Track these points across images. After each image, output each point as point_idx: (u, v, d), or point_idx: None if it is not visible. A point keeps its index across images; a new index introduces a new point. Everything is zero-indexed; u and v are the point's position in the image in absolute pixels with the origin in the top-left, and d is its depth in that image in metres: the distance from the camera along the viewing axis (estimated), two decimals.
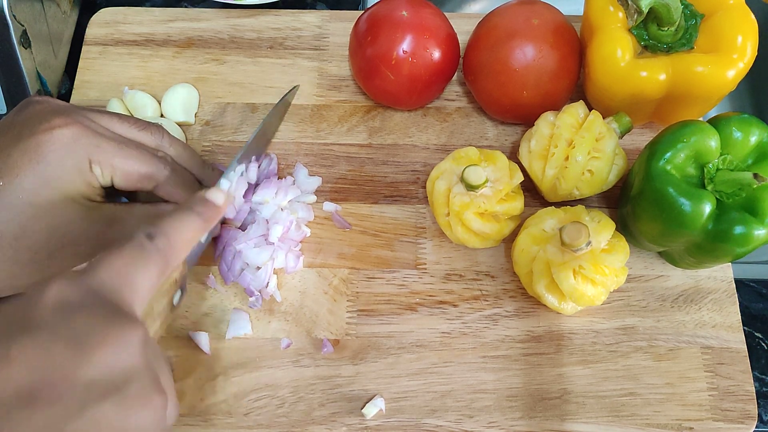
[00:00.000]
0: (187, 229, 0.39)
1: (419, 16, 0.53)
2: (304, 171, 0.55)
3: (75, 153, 0.42)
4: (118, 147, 0.44)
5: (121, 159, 0.44)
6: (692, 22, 0.49)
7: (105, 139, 0.44)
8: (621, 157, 0.51)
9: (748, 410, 0.48)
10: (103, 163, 0.43)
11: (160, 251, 0.36)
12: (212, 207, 0.41)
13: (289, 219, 0.51)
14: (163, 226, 0.37)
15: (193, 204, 0.41)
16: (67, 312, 0.30)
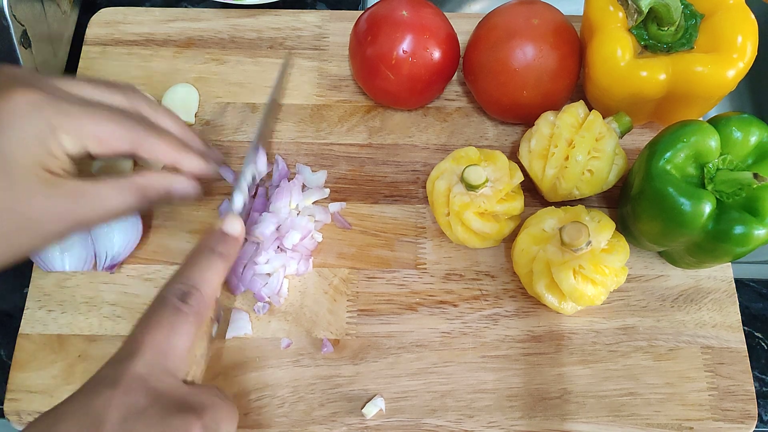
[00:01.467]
0: (215, 276, 0.40)
1: (419, 16, 0.53)
2: (307, 169, 0.55)
3: (35, 122, 0.38)
4: (86, 111, 0.40)
5: (91, 123, 0.40)
6: (692, 22, 0.49)
7: (71, 104, 0.40)
8: (621, 156, 0.51)
9: (748, 410, 0.48)
10: (71, 130, 0.39)
11: (195, 310, 0.38)
12: (233, 241, 0.42)
13: (308, 227, 0.51)
14: (192, 280, 0.38)
15: (214, 244, 0.41)
16: (131, 422, 0.33)
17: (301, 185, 0.54)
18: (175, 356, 0.36)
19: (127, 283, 0.51)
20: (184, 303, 0.37)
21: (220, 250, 0.41)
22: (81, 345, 0.49)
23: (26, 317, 0.50)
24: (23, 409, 0.47)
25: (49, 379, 0.48)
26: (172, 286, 0.38)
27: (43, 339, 0.49)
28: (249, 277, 0.50)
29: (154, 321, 0.36)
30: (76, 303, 0.50)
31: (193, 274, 0.39)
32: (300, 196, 0.53)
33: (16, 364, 0.49)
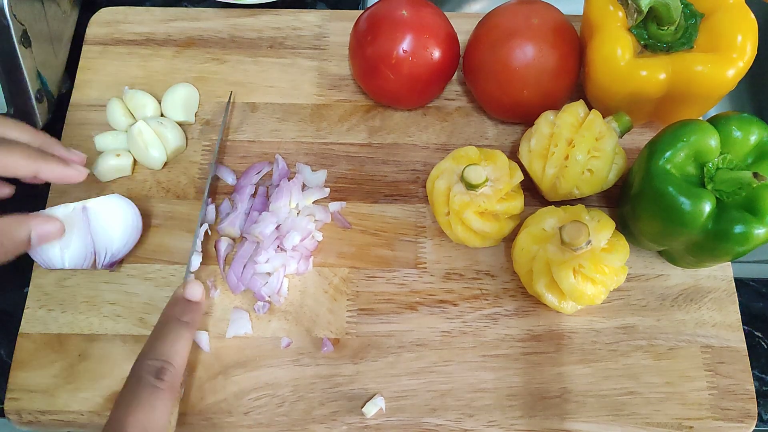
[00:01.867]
0: (185, 346, 0.42)
1: (419, 15, 0.53)
2: (307, 168, 0.55)
3: None
4: None
5: None
6: (692, 22, 0.49)
7: None
8: (621, 156, 0.51)
9: (748, 409, 0.48)
10: None
11: (170, 384, 0.40)
12: (196, 307, 0.44)
13: (308, 228, 0.51)
14: (164, 355, 0.40)
15: (180, 313, 0.43)
16: None
17: (301, 185, 0.54)
18: (157, 431, 0.39)
19: (127, 282, 0.51)
20: (160, 380, 0.39)
21: (186, 319, 0.43)
22: (81, 344, 0.49)
23: (26, 317, 0.50)
24: (23, 409, 0.47)
25: (50, 378, 0.48)
26: (146, 362, 0.40)
27: (44, 338, 0.49)
28: (249, 276, 0.50)
29: (135, 402, 0.38)
30: (77, 302, 0.50)
31: (164, 348, 0.41)
32: (300, 196, 0.53)
33: (17, 363, 0.49)
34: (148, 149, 0.54)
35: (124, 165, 0.54)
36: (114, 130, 0.56)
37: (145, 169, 0.55)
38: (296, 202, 0.52)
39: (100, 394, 0.48)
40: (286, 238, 0.50)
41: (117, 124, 0.56)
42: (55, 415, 0.47)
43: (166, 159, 0.55)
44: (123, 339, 0.49)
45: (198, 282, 0.46)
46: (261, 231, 0.50)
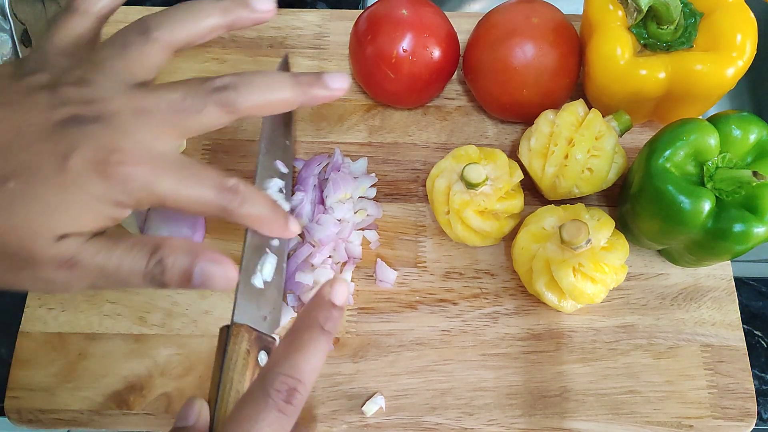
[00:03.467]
0: (322, 361, 0.33)
1: (419, 14, 0.53)
2: (347, 159, 0.56)
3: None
4: (179, 176, 0.34)
5: (181, 190, 0.34)
6: (691, 21, 0.49)
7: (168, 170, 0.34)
8: (620, 155, 0.51)
9: (748, 408, 0.49)
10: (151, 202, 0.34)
11: (297, 410, 0.33)
12: (340, 313, 0.35)
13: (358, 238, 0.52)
14: (299, 372, 0.32)
15: (324, 320, 0.34)
16: None
17: (350, 175, 0.54)
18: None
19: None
20: (289, 404, 0.32)
21: (329, 327, 0.34)
22: (81, 343, 0.49)
23: (26, 315, 0.50)
24: (23, 407, 0.47)
25: (50, 377, 0.48)
26: (279, 376, 0.32)
27: (44, 337, 0.49)
28: (294, 279, 0.50)
29: (256, 426, 0.31)
30: (77, 301, 0.51)
31: (301, 362, 0.33)
32: (353, 184, 0.53)
33: (17, 362, 0.49)
34: None
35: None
36: None
37: None
38: (350, 192, 0.52)
39: (101, 392, 0.48)
40: (339, 251, 0.51)
41: None
42: (55, 414, 0.48)
43: None
44: (123, 338, 0.50)
45: (346, 281, 0.40)
46: (320, 237, 0.50)
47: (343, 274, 0.51)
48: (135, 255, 0.33)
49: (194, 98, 0.35)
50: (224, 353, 0.36)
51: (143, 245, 0.33)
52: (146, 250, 0.33)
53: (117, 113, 0.33)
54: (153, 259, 0.33)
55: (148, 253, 0.33)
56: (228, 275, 0.34)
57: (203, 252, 0.34)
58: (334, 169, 0.54)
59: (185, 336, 0.50)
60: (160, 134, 0.34)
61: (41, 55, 0.35)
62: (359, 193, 0.54)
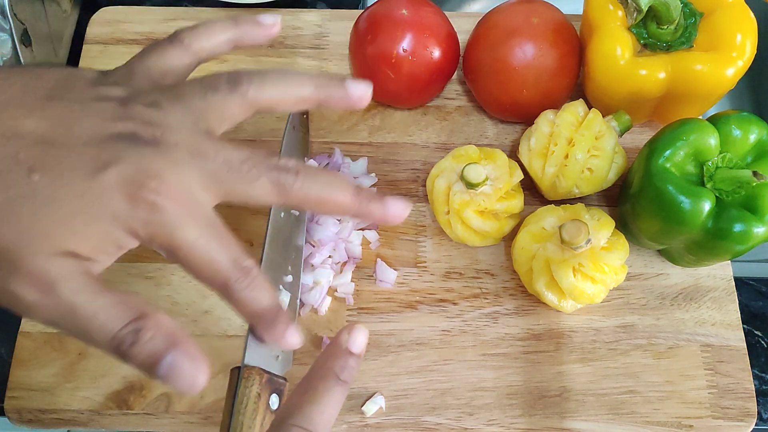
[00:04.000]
0: (336, 413, 0.33)
1: (419, 14, 0.53)
2: (347, 159, 0.55)
3: None
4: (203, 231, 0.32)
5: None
6: (691, 21, 0.49)
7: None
8: (620, 155, 0.51)
9: (748, 408, 0.49)
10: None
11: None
12: (357, 362, 0.34)
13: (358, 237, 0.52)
14: (313, 424, 0.31)
15: (340, 369, 0.33)
16: None
17: (350, 175, 0.54)
18: None
19: (127, 281, 0.51)
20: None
21: (345, 377, 0.33)
22: (81, 343, 0.49)
23: None
24: (23, 407, 0.47)
25: (50, 377, 0.48)
26: (291, 428, 0.31)
27: (44, 337, 0.49)
28: None
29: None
30: None
31: (315, 415, 0.32)
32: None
33: (17, 362, 0.49)
34: None
35: None
36: None
37: None
38: None
39: (100, 393, 0.48)
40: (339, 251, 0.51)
41: None
42: (55, 414, 0.48)
43: None
44: None
45: (364, 329, 0.37)
46: (320, 237, 0.50)
47: (343, 274, 0.51)
48: (116, 313, 0.29)
49: (254, 165, 0.33)
50: (234, 396, 0.36)
51: (130, 307, 0.30)
52: (130, 314, 0.30)
53: (175, 145, 0.31)
54: (132, 325, 0.29)
55: (130, 317, 0.30)
56: (196, 379, 0.30)
57: (184, 344, 0.31)
58: (334, 169, 0.54)
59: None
60: (206, 185, 0.32)
61: (127, 72, 0.35)
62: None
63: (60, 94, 0.31)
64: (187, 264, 0.32)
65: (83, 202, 0.29)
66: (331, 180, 0.35)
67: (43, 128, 0.30)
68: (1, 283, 0.28)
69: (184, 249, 0.31)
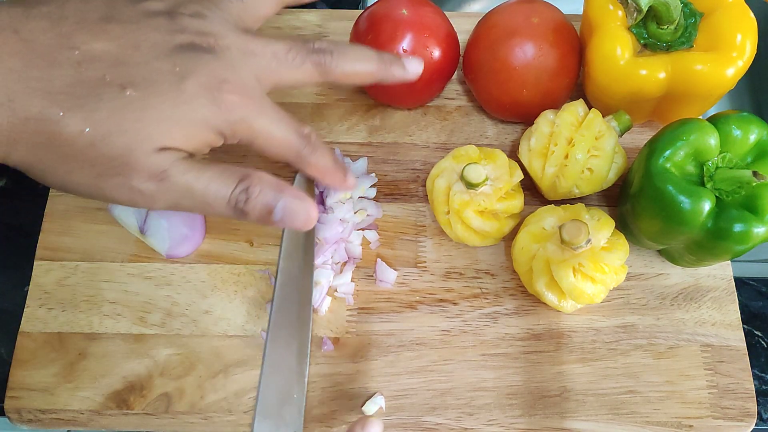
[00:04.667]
0: None
1: (419, 14, 0.53)
2: (347, 159, 0.56)
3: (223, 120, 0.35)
4: (258, 109, 0.37)
5: (259, 122, 0.37)
6: (692, 21, 0.49)
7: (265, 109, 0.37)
8: (620, 155, 0.51)
9: (748, 408, 0.49)
10: (242, 136, 0.37)
11: None
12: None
13: (352, 223, 0.52)
14: None
15: None
16: None
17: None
18: None
19: (127, 281, 0.51)
20: None
21: None
22: (81, 343, 0.49)
23: (27, 315, 0.50)
24: (23, 407, 0.47)
25: (50, 377, 0.48)
26: None
27: (44, 337, 0.49)
28: None
29: None
30: (77, 301, 0.51)
31: None
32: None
33: (17, 362, 0.49)
34: None
35: None
36: None
37: None
38: (350, 192, 0.53)
39: (101, 392, 0.48)
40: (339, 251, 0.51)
41: None
42: (55, 414, 0.48)
43: None
44: (123, 338, 0.50)
45: (378, 422, 0.39)
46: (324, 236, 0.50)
47: (343, 274, 0.51)
48: (224, 179, 0.35)
49: (297, 53, 0.38)
50: None
51: (233, 172, 0.36)
52: (235, 177, 0.35)
53: (227, 49, 0.36)
54: (240, 185, 0.35)
55: (236, 179, 0.35)
56: (309, 214, 0.36)
57: (288, 188, 0.36)
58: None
59: (185, 336, 0.50)
60: (261, 77, 0.37)
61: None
62: (359, 193, 0.54)
63: (112, 14, 0.35)
64: (267, 147, 0.38)
65: (178, 109, 0.34)
66: (358, 52, 0.41)
67: (114, 50, 0.34)
68: (125, 183, 0.34)
69: (263, 135, 0.37)
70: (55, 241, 0.52)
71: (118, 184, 0.34)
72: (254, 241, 0.53)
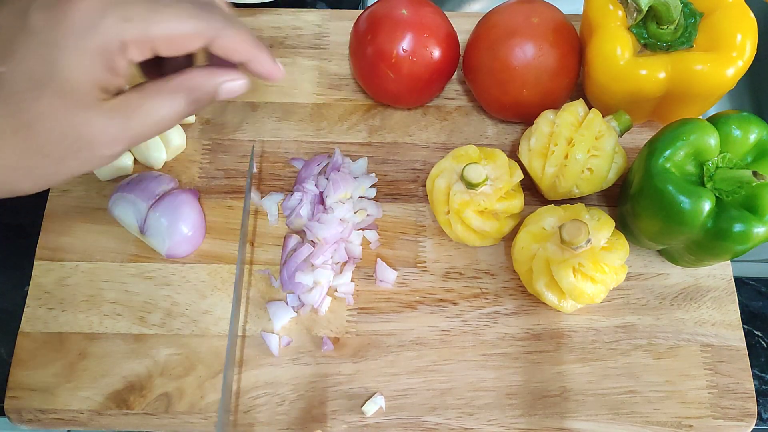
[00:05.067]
0: None
1: (419, 14, 0.53)
2: (347, 159, 0.56)
3: (100, 36, 0.33)
4: (150, 8, 0.35)
5: (163, 24, 0.35)
6: (691, 21, 0.49)
7: (132, 2, 0.34)
8: (620, 155, 0.51)
9: (748, 408, 0.49)
10: (140, 40, 0.34)
11: None
12: None
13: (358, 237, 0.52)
14: None
15: None
16: None
17: (350, 175, 0.54)
18: None
19: (127, 281, 0.51)
20: None
21: None
22: (81, 343, 0.49)
23: (27, 315, 0.50)
24: (23, 407, 0.47)
25: (50, 377, 0.48)
26: None
27: (44, 337, 0.49)
28: (294, 279, 0.50)
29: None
30: (77, 301, 0.51)
31: None
32: (353, 184, 0.53)
33: (17, 362, 0.49)
34: (149, 148, 0.54)
35: (125, 164, 0.54)
36: None
37: (145, 168, 0.55)
38: (350, 192, 0.53)
39: (101, 392, 0.48)
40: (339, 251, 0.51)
41: None
42: (55, 414, 0.48)
43: (166, 158, 0.55)
44: (123, 338, 0.50)
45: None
46: (323, 235, 0.50)
47: (343, 274, 0.51)
48: (173, 100, 0.37)
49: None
50: None
51: (176, 88, 0.37)
52: (180, 94, 0.37)
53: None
54: (188, 100, 0.37)
55: (183, 97, 0.37)
56: (243, 79, 0.39)
57: (221, 73, 0.38)
58: (334, 169, 0.54)
59: (185, 336, 0.50)
60: None
61: None
62: (359, 193, 0.54)
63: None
64: (175, 46, 0.36)
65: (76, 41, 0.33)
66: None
67: None
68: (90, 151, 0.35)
69: (166, 34, 0.35)
70: (55, 241, 0.52)
71: (87, 155, 0.35)
72: (254, 241, 0.53)
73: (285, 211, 0.54)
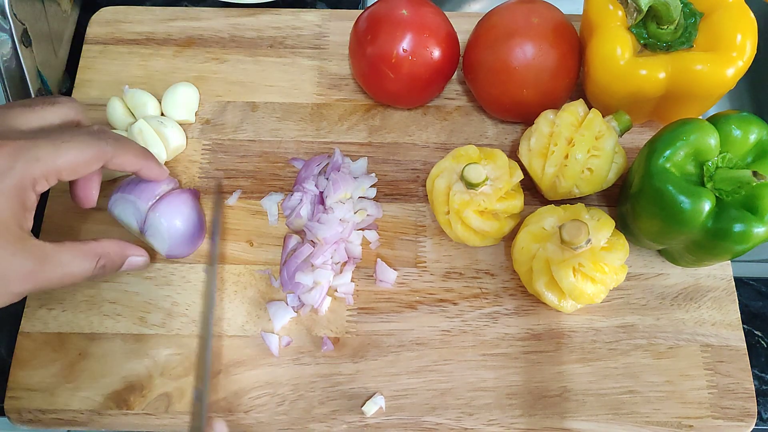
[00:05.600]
0: None
1: (419, 15, 0.53)
2: (347, 159, 0.56)
3: (15, 177, 0.38)
4: (56, 147, 0.39)
5: (65, 157, 0.39)
6: (691, 21, 0.49)
7: (39, 146, 0.39)
8: (620, 155, 0.51)
9: (748, 408, 0.49)
10: (48, 173, 0.39)
11: None
12: None
13: (358, 237, 0.52)
14: None
15: None
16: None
17: (350, 175, 0.54)
18: None
19: (127, 281, 0.51)
20: None
21: None
22: (81, 343, 0.49)
23: (26, 315, 0.50)
24: (23, 407, 0.47)
25: (50, 377, 0.48)
26: None
27: (44, 337, 0.49)
28: (294, 279, 0.50)
29: None
30: (77, 301, 0.51)
31: None
32: (353, 184, 0.53)
33: (17, 362, 0.49)
34: (149, 148, 0.54)
35: None
36: (114, 129, 0.56)
37: None
38: (350, 192, 0.52)
39: (101, 392, 0.48)
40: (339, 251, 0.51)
41: (117, 123, 0.56)
42: (55, 414, 0.47)
43: (166, 158, 0.55)
44: (123, 338, 0.49)
45: (223, 423, 0.43)
46: (324, 235, 0.50)
47: (343, 274, 0.51)
48: (84, 258, 0.42)
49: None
50: None
51: (89, 251, 0.42)
52: (92, 257, 0.42)
53: None
54: (99, 263, 0.43)
55: (94, 259, 0.42)
56: (145, 258, 0.47)
57: (129, 248, 0.46)
58: (334, 169, 0.54)
59: (185, 336, 0.50)
60: None
61: None
62: (359, 193, 0.54)
63: None
64: (78, 172, 0.41)
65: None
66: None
67: None
68: None
69: (70, 165, 0.40)
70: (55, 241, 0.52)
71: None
72: (254, 241, 0.53)
73: (285, 211, 0.54)
